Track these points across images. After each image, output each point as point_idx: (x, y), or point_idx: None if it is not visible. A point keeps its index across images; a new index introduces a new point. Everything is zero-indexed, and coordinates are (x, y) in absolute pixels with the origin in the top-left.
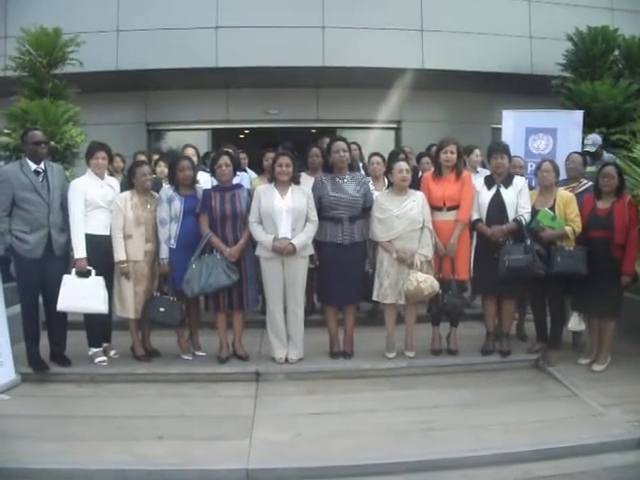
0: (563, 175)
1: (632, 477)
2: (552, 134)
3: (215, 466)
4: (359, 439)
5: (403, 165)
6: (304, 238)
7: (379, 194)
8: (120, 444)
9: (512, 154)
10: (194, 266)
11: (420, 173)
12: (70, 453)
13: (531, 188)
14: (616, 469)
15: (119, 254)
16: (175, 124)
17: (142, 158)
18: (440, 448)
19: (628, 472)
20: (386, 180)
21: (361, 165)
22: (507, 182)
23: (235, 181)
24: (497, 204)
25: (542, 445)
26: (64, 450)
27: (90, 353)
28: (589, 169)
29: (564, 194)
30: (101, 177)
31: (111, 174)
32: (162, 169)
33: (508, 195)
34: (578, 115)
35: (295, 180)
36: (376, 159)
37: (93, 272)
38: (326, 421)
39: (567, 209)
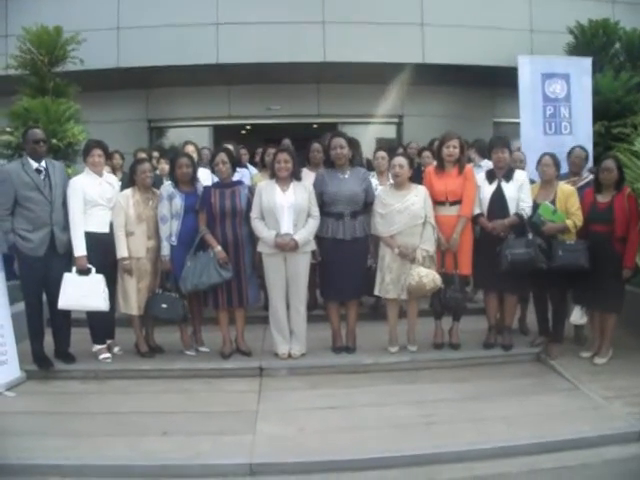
0: (564, 169)
1: (633, 469)
2: (566, 79)
3: (219, 461)
4: (362, 433)
5: (396, 160)
6: (306, 234)
7: (382, 189)
8: (125, 440)
9: (530, 100)
10: (189, 263)
11: (422, 167)
12: (76, 449)
13: (533, 182)
14: (617, 461)
15: (121, 251)
16: (176, 121)
17: (143, 155)
18: (442, 441)
19: (629, 464)
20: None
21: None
22: (508, 176)
23: (236, 177)
24: (498, 198)
25: (544, 438)
26: (70, 446)
27: (94, 350)
28: None
29: (565, 188)
30: (99, 174)
31: (113, 172)
32: (163, 166)
33: (509, 189)
34: (587, 62)
35: (296, 176)
36: (381, 154)
37: (93, 270)
38: (329, 415)
39: (568, 203)
